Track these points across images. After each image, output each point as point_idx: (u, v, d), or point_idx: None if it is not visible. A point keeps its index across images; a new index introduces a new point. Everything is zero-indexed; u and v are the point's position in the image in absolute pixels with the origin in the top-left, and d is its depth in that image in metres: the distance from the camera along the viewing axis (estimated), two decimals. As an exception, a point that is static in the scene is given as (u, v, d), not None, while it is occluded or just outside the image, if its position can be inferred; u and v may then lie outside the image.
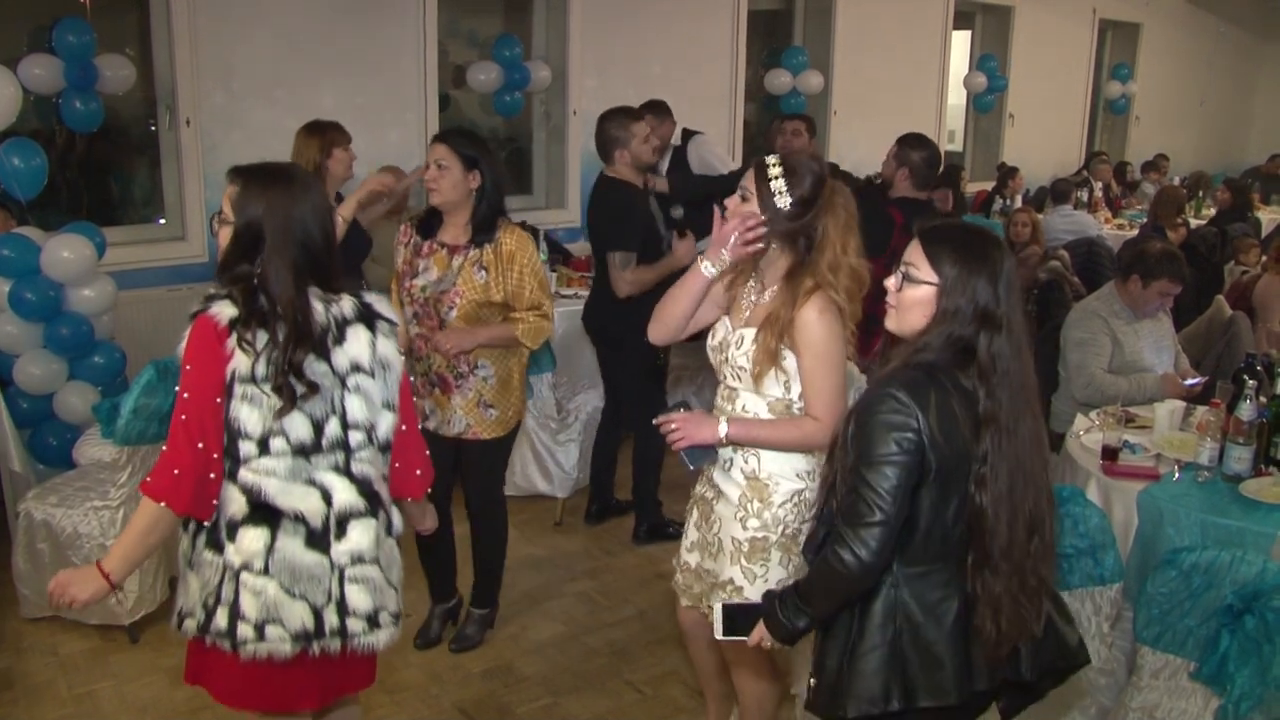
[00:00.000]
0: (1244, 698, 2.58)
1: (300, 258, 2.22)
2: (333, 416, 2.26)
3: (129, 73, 5.20)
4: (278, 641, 2.22)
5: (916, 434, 1.98)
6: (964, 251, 2.08)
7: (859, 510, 2.00)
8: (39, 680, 3.66)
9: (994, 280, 2.06)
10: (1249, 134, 14.26)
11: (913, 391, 2.01)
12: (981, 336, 2.04)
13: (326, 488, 2.26)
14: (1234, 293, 6.40)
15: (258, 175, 2.26)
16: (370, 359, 2.29)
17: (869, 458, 2.00)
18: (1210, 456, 3.34)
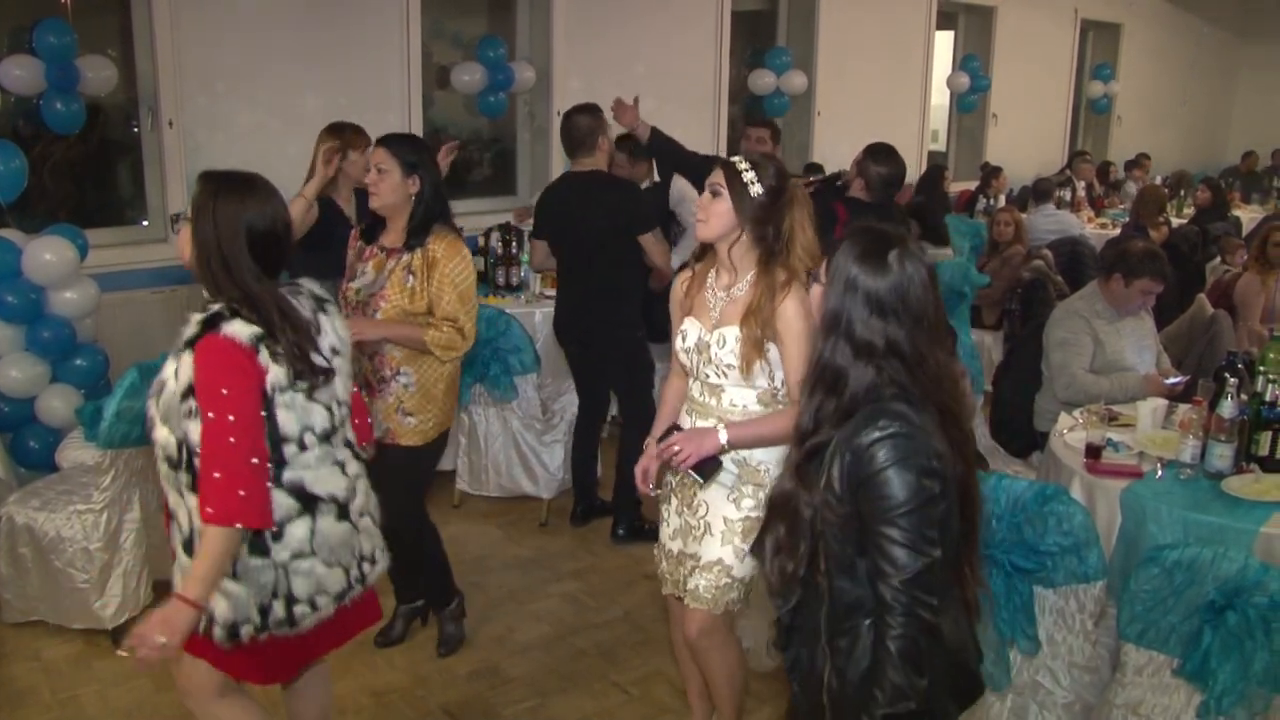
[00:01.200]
0: (1226, 693, 2.60)
1: (271, 259, 2.38)
2: (333, 400, 2.45)
3: (111, 74, 5.17)
4: (325, 608, 2.45)
5: (927, 461, 1.87)
6: (851, 252, 1.98)
7: (896, 564, 1.85)
8: (22, 685, 3.64)
9: (876, 275, 1.94)
10: (1229, 133, 14.36)
11: (897, 422, 1.88)
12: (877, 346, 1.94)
13: (343, 462, 2.49)
14: (1215, 291, 6.44)
15: (215, 182, 2.36)
16: (337, 339, 2.50)
17: (889, 508, 1.85)
18: (1192, 454, 3.36)
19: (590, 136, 4.51)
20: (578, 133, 4.54)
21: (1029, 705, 2.98)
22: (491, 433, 4.98)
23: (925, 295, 1.96)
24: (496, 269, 5.84)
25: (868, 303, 1.94)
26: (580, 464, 4.95)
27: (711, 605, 2.84)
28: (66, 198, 5.74)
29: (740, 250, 2.77)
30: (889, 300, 1.93)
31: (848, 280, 1.95)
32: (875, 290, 1.93)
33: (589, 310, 4.62)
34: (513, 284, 5.81)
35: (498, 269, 5.83)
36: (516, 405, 4.89)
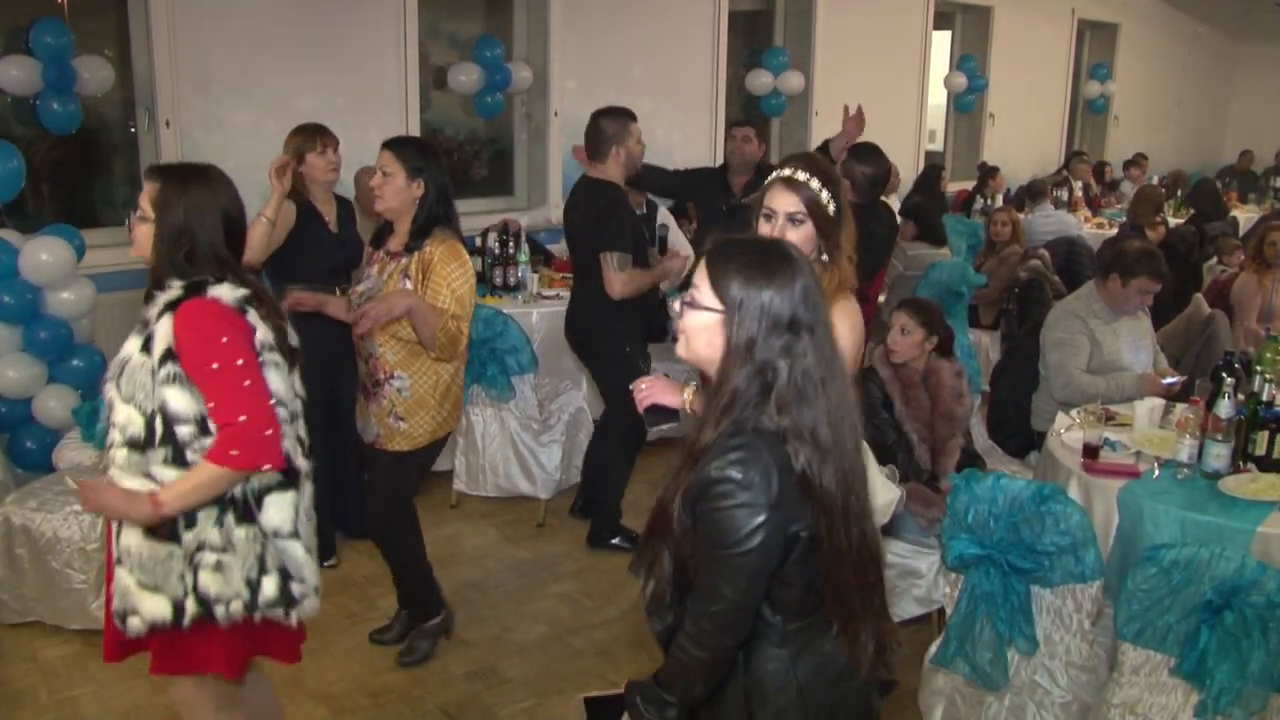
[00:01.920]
0: (1223, 692, 2.60)
1: (230, 248, 2.39)
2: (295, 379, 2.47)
3: (107, 74, 5.16)
4: (313, 596, 2.41)
5: (766, 519, 1.76)
6: (749, 271, 1.82)
7: (710, 596, 1.82)
8: (19, 686, 3.64)
9: (787, 298, 1.80)
10: (1226, 133, 14.38)
11: (753, 470, 1.77)
12: (782, 365, 1.80)
13: (304, 443, 2.47)
14: (1212, 291, 6.45)
15: (177, 175, 2.38)
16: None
17: (718, 546, 1.79)
18: (1189, 454, 3.37)
19: (604, 144, 4.38)
20: (594, 137, 4.43)
21: (1026, 705, 2.98)
22: (489, 433, 4.98)
23: (805, 316, 1.82)
24: (494, 269, 5.84)
25: (775, 320, 1.80)
26: (589, 465, 4.93)
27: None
28: (63, 198, 5.73)
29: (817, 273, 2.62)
30: (800, 313, 1.81)
31: (760, 301, 1.80)
32: (781, 305, 1.80)
33: (576, 318, 4.64)
34: (510, 284, 5.81)
35: (495, 269, 5.83)
36: (514, 405, 4.89)
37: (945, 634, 3.09)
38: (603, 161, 4.42)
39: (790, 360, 1.80)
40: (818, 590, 1.89)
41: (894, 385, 3.78)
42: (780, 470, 1.78)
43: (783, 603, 1.89)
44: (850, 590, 1.88)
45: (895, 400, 3.76)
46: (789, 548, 1.82)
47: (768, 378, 1.80)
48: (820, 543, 1.83)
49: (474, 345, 4.56)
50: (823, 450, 1.81)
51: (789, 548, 1.82)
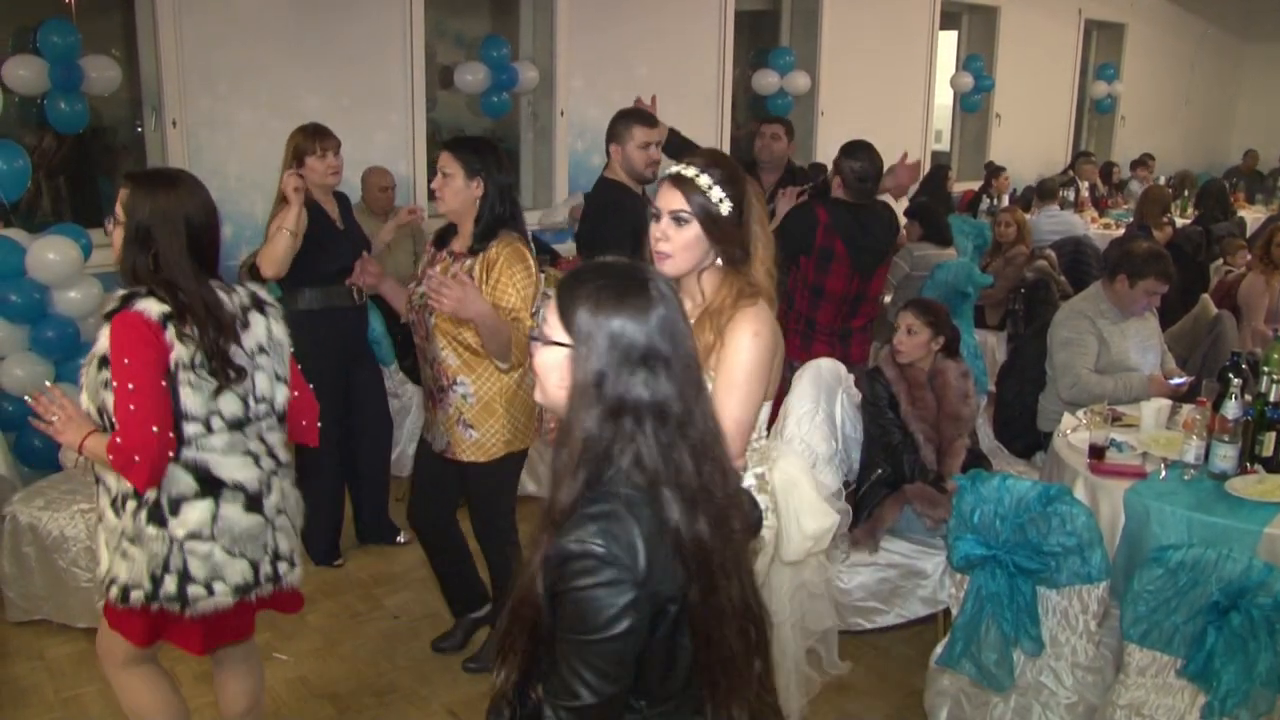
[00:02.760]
0: (1230, 694, 2.60)
1: (193, 255, 2.45)
2: (250, 394, 2.55)
3: (114, 74, 5.18)
4: (222, 596, 2.53)
5: (634, 598, 1.53)
6: (597, 297, 1.60)
7: (572, 688, 1.56)
8: (25, 684, 3.65)
9: (642, 325, 1.59)
10: (1233, 134, 14.35)
11: (616, 542, 1.54)
12: (639, 403, 1.58)
13: (256, 455, 2.57)
14: (1219, 291, 6.43)
15: (146, 180, 2.48)
16: (268, 340, 2.60)
17: (580, 631, 1.55)
18: (1196, 454, 3.36)
19: (608, 143, 4.33)
20: (607, 134, 4.39)
21: (1032, 706, 2.97)
22: (495, 433, 4.97)
23: (687, 333, 1.63)
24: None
25: (627, 352, 1.58)
26: None
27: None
28: (70, 197, 5.75)
29: (713, 278, 2.39)
30: (658, 344, 1.59)
31: (609, 331, 1.58)
32: (634, 334, 1.58)
33: None
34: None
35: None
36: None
37: (951, 634, 3.08)
38: (608, 162, 4.40)
39: (649, 396, 1.58)
40: (685, 665, 1.66)
41: (900, 385, 3.78)
42: (647, 537, 1.55)
43: (646, 685, 1.65)
44: (732, 657, 1.65)
45: (901, 400, 3.75)
46: (656, 623, 1.59)
47: (622, 419, 1.57)
48: (695, 608, 1.60)
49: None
50: (691, 498, 1.59)
51: (656, 623, 1.59)
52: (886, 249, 4.55)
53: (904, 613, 3.68)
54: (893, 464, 3.73)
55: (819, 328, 4.55)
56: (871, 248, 4.49)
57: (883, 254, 4.54)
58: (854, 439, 3.92)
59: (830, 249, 4.45)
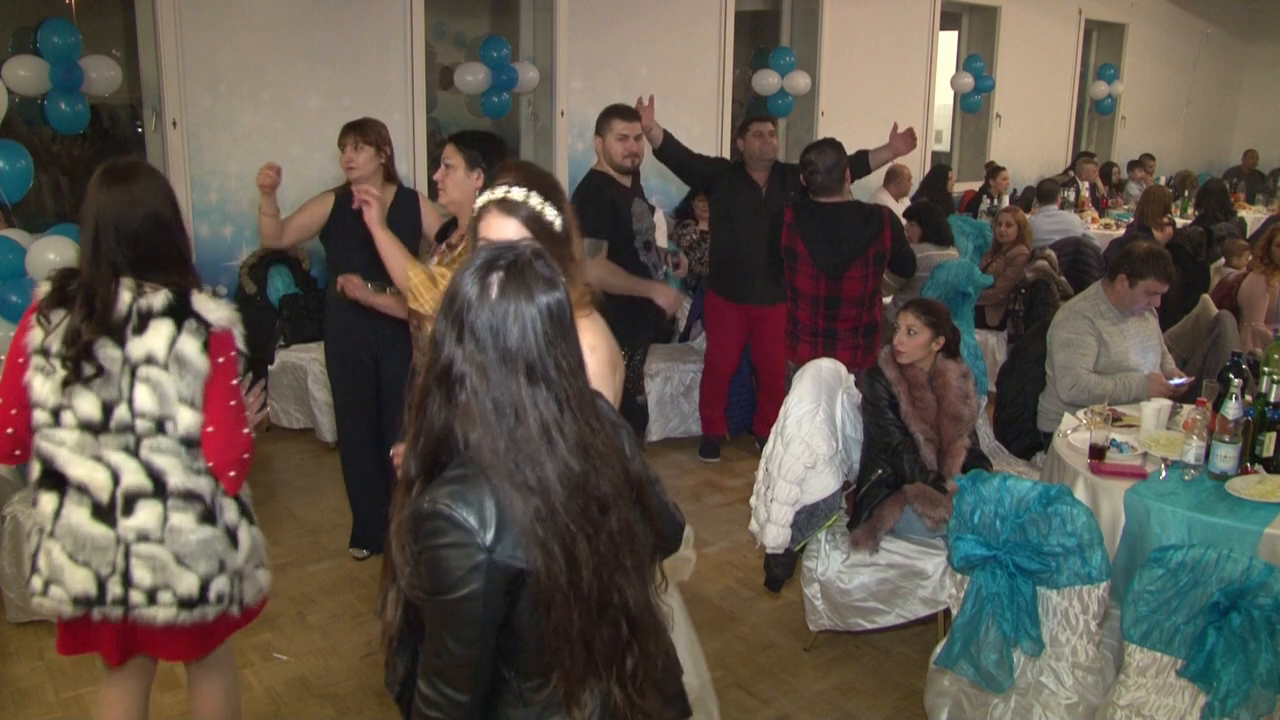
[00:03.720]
0: (1230, 695, 2.60)
1: (119, 251, 2.38)
2: (122, 402, 2.38)
3: (115, 74, 5.18)
4: (59, 602, 2.44)
5: (483, 561, 1.57)
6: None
7: (435, 647, 1.63)
8: (26, 685, 3.65)
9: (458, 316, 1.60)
10: (1233, 134, 14.35)
11: (467, 506, 1.57)
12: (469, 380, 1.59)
13: (115, 467, 2.40)
14: (1220, 292, 6.43)
15: (98, 175, 2.45)
16: (166, 353, 2.37)
17: (436, 591, 1.59)
18: (1196, 455, 3.36)
19: (595, 137, 4.51)
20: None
21: (1032, 706, 2.97)
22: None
23: (529, 339, 1.60)
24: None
25: (463, 330, 1.59)
26: None
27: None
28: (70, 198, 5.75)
29: None
30: (480, 333, 1.59)
31: (453, 296, 1.61)
32: (472, 316, 1.59)
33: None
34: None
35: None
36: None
37: (950, 635, 3.09)
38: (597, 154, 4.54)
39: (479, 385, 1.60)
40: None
41: (900, 386, 3.78)
42: (501, 506, 1.58)
43: (515, 658, 1.69)
44: (583, 642, 1.64)
45: (901, 401, 3.75)
46: (514, 591, 1.62)
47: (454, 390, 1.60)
48: (544, 584, 1.60)
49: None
50: (558, 477, 1.60)
51: (514, 591, 1.62)
52: (858, 250, 4.53)
53: (904, 613, 3.68)
54: (893, 464, 3.73)
55: (801, 326, 4.70)
56: (835, 248, 4.50)
57: (852, 255, 4.53)
58: (854, 439, 3.92)
59: (794, 249, 4.57)
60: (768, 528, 3.68)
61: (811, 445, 3.63)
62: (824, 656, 3.90)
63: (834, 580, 3.72)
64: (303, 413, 5.81)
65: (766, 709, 3.58)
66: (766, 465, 3.74)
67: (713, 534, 4.92)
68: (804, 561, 3.81)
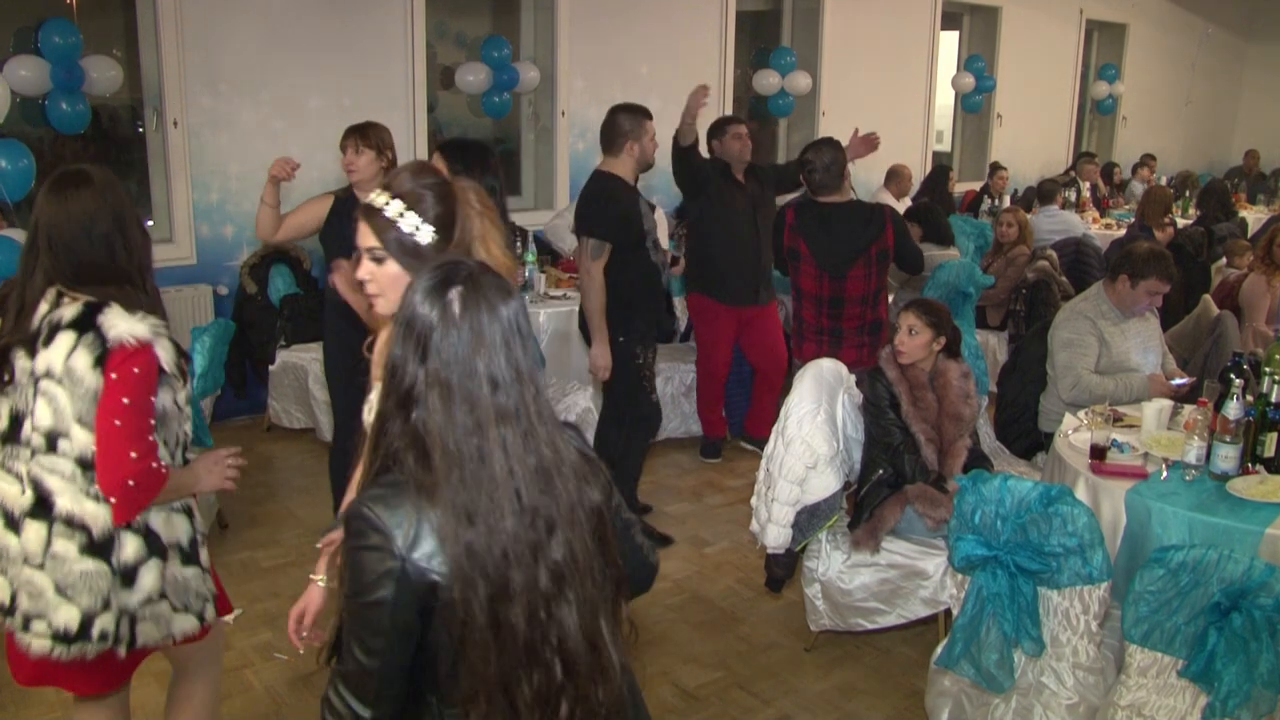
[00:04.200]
0: (1231, 695, 2.60)
1: (53, 261, 2.30)
2: (27, 415, 2.30)
3: (116, 74, 5.18)
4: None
5: (394, 567, 1.55)
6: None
7: (344, 653, 1.61)
8: (26, 684, 3.64)
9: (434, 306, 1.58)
10: (1234, 134, 14.35)
11: (389, 511, 1.56)
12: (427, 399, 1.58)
13: (20, 479, 2.31)
14: (1221, 292, 6.43)
15: (46, 182, 2.38)
16: (61, 368, 2.25)
17: (354, 591, 1.58)
18: (1197, 455, 3.36)
19: (619, 138, 4.44)
20: (610, 130, 4.49)
21: (1033, 706, 2.97)
22: (496, 433, 4.97)
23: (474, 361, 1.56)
24: (500, 269, 5.84)
25: (416, 347, 1.58)
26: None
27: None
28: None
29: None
30: (446, 352, 1.57)
31: (410, 320, 1.59)
32: (437, 337, 1.57)
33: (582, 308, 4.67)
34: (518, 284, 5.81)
35: (502, 269, 5.84)
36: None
37: (951, 635, 3.08)
38: (615, 155, 4.47)
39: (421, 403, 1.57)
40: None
41: (901, 386, 3.77)
42: (422, 519, 1.56)
43: (437, 681, 1.64)
44: (491, 682, 1.57)
45: (902, 401, 3.75)
46: (428, 609, 1.58)
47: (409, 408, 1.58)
48: (456, 612, 1.56)
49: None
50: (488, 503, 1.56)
51: (428, 609, 1.58)
52: (861, 250, 4.53)
53: (905, 613, 3.68)
54: (894, 464, 3.73)
55: (807, 326, 4.69)
56: (837, 248, 4.50)
57: (854, 254, 4.52)
58: (855, 439, 3.92)
59: (796, 249, 4.58)
60: (768, 528, 3.68)
61: (812, 445, 3.63)
62: (825, 656, 3.90)
63: (835, 580, 3.72)
64: (303, 413, 5.81)
65: (767, 709, 3.58)
66: (767, 465, 3.74)
67: (713, 534, 4.92)
68: (805, 561, 3.81)
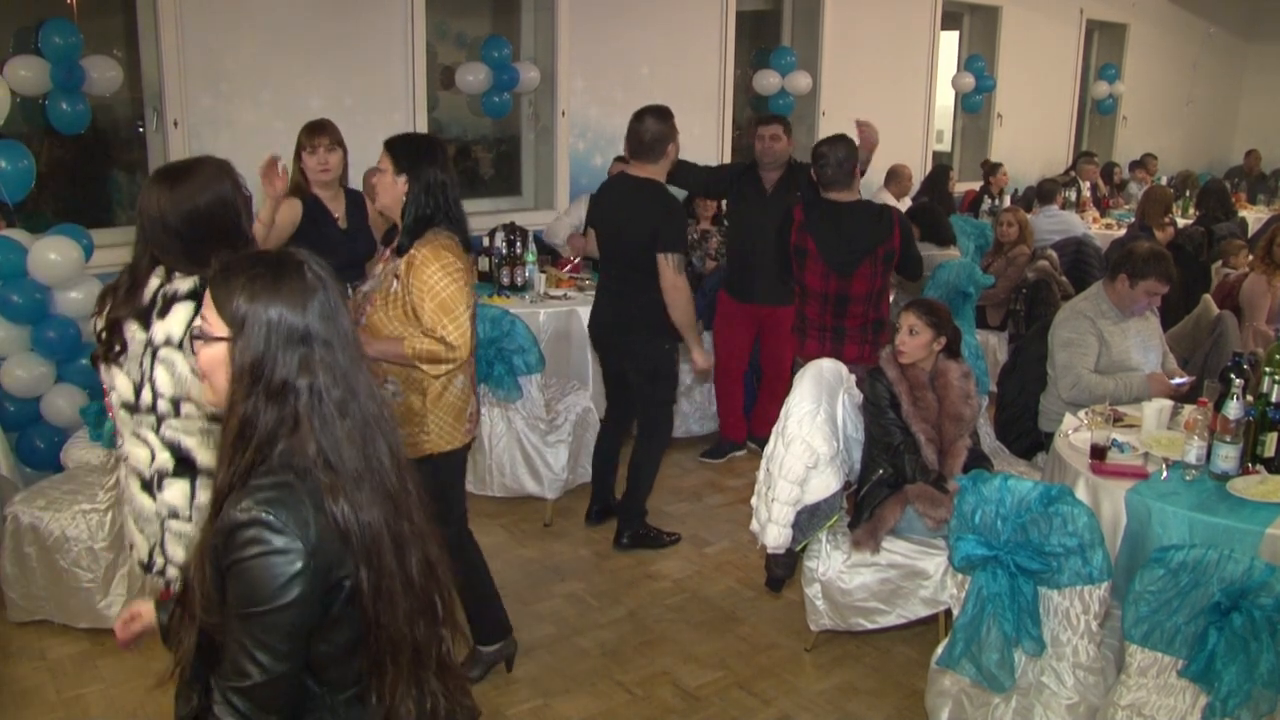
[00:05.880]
0: (1232, 695, 2.60)
1: (161, 245, 2.48)
2: (146, 383, 2.47)
3: (116, 74, 5.18)
4: (135, 563, 2.60)
5: (304, 566, 1.55)
6: (252, 285, 1.63)
7: (241, 667, 1.56)
8: (27, 685, 3.65)
9: (299, 309, 1.63)
10: (1235, 134, 14.34)
11: (286, 511, 1.55)
12: (299, 385, 1.62)
13: (150, 445, 2.50)
14: (1221, 292, 6.43)
15: (154, 172, 2.60)
16: (182, 334, 2.44)
17: (250, 603, 1.54)
18: (1198, 455, 3.36)
19: (658, 144, 4.40)
20: (646, 136, 4.41)
21: (1033, 706, 2.97)
22: (496, 433, 4.97)
23: (346, 314, 1.68)
24: (501, 269, 5.84)
25: (287, 335, 1.62)
26: (600, 466, 4.93)
27: None
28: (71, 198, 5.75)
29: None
30: (315, 327, 1.63)
31: (267, 317, 1.62)
32: (292, 318, 1.62)
33: (616, 315, 4.59)
34: (517, 284, 5.81)
35: (502, 269, 5.84)
36: (521, 405, 4.88)
37: (952, 635, 3.09)
38: (654, 162, 4.43)
39: (309, 379, 1.61)
40: (364, 652, 1.67)
41: (901, 386, 3.77)
42: (318, 510, 1.58)
43: (325, 669, 1.66)
44: (402, 643, 1.66)
45: (902, 401, 3.75)
46: (330, 600, 1.60)
47: (285, 400, 1.60)
48: (363, 590, 1.61)
49: (481, 345, 4.56)
50: (355, 477, 1.62)
51: (330, 600, 1.60)
52: (868, 249, 4.53)
53: (905, 613, 3.68)
54: (894, 464, 3.73)
55: (809, 322, 4.66)
56: (846, 246, 4.50)
57: (862, 254, 4.52)
58: (855, 439, 3.92)
59: (804, 247, 4.55)
60: (768, 528, 3.68)
61: (812, 445, 3.62)
62: (825, 656, 3.90)
63: (835, 580, 3.72)
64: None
65: (767, 709, 3.58)
66: (767, 465, 3.74)
67: (714, 534, 4.92)
68: (805, 561, 3.81)
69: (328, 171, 4.23)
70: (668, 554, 4.71)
